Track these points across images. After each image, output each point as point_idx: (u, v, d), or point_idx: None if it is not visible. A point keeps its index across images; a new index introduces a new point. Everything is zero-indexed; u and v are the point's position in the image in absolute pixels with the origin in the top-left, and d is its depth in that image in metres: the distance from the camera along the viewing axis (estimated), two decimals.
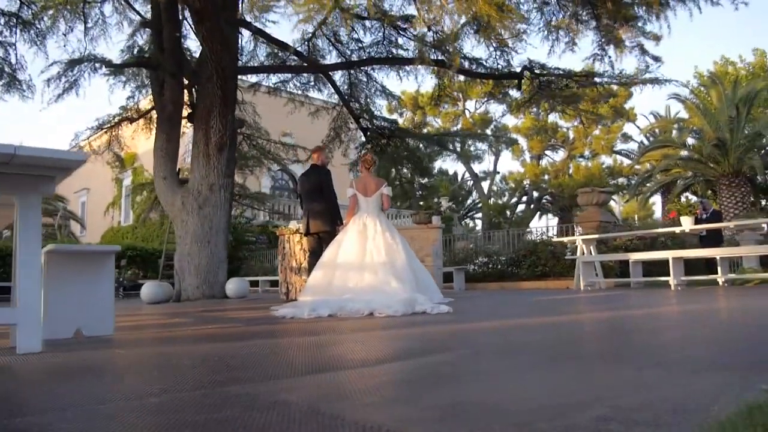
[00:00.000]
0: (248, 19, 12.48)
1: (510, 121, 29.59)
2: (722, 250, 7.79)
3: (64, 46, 15.16)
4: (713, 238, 10.59)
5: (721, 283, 7.79)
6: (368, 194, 6.26)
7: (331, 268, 6.02)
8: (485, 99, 28.37)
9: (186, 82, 10.68)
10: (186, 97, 10.83)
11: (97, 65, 8.96)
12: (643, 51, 6.48)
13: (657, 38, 6.06)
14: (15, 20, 12.72)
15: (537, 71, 10.59)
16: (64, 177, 2.86)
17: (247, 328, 3.74)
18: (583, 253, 8.80)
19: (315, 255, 6.55)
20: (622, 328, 3.05)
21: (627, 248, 9.82)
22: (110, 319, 3.41)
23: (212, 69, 8.39)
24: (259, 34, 10.95)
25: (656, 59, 7.39)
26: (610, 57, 6.83)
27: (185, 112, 10.63)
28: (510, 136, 26.12)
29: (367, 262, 5.83)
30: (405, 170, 14.71)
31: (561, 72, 10.68)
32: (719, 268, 7.83)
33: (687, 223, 7.76)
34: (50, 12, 12.68)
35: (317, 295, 5.83)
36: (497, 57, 10.67)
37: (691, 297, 5.68)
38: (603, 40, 6.69)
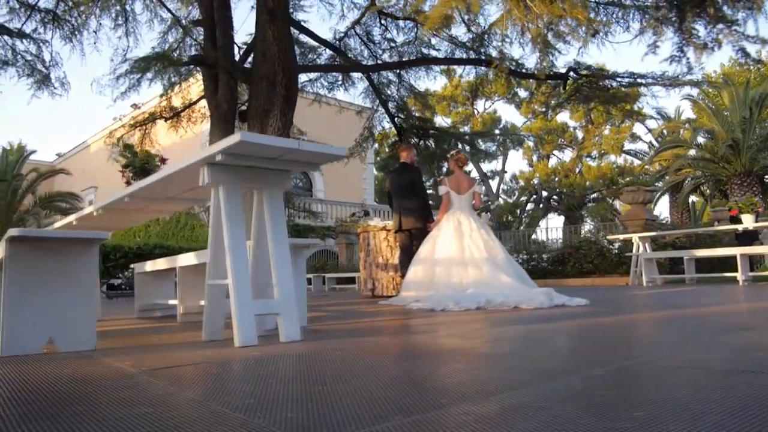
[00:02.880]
0: None
1: (518, 119, 29.90)
2: None
3: (95, 43, 15.11)
4: (749, 236, 10.94)
5: None
6: (461, 192, 6.42)
7: (430, 264, 6.15)
8: (496, 98, 28.64)
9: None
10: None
11: (166, 63, 8.97)
12: (746, 54, 6.71)
13: (766, 42, 6.29)
14: (51, 16, 12.65)
15: (583, 72, 10.79)
16: (299, 171, 2.96)
17: (430, 320, 3.83)
18: (638, 250, 9.02)
19: (406, 251, 6.68)
20: None
21: (674, 245, 10.08)
22: (303, 311, 3.50)
23: (280, 68, 8.46)
24: (308, 34, 11.03)
25: (758, 62, 7.63)
26: (688, 59, 7.07)
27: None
28: (525, 135, 26.47)
29: (467, 258, 5.96)
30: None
31: (605, 73, 10.89)
32: None
33: (749, 221, 8.01)
34: (82, 8, 12.63)
35: (421, 290, 5.96)
36: (541, 58, 10.86)
37: None
38: (683, 42, 6.93)
